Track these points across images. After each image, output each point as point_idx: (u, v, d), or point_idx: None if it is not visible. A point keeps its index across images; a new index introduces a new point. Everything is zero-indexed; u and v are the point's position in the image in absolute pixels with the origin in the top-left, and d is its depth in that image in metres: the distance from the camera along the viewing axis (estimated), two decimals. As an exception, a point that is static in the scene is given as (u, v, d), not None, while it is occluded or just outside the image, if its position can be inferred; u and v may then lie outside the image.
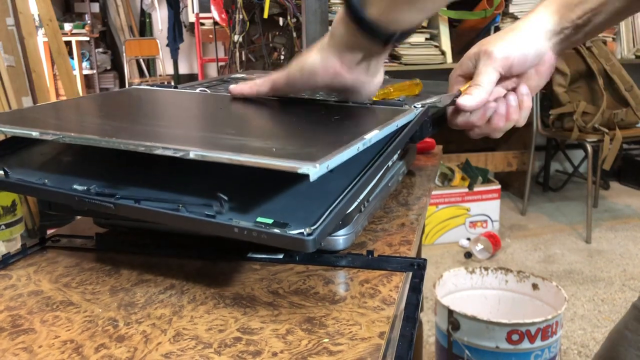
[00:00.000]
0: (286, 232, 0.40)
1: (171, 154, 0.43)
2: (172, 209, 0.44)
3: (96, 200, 0.47)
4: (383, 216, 0.68)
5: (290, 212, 0.43)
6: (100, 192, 0.47)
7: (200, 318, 0.45)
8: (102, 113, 0.65)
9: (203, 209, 0.44)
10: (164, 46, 5.58)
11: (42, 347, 0.41)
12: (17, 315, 0.46)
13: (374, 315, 0.45)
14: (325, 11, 2.04)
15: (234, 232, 0.42)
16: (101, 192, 0.47)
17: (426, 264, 0.54)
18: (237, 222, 0.42)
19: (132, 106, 0.68)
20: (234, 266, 0.55)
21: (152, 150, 0.44)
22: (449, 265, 2.45)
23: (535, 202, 3.20)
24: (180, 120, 0.63)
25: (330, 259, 0.55)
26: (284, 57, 2.78)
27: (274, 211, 0.44)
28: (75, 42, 5.41)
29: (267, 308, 0.47)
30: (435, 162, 0.94)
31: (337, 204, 0.44)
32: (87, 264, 0.56)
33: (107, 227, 0.64)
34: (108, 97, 0.75)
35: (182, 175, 0.52)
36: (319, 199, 0.44)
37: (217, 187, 0.45)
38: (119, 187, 0.49)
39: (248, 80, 0.68)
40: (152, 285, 0.51)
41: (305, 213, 0.43)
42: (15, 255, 0.58)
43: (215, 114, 0.65)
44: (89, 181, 0.49)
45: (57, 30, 3.14)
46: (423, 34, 2.72)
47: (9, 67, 2.72)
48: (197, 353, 0.40)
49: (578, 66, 2.75)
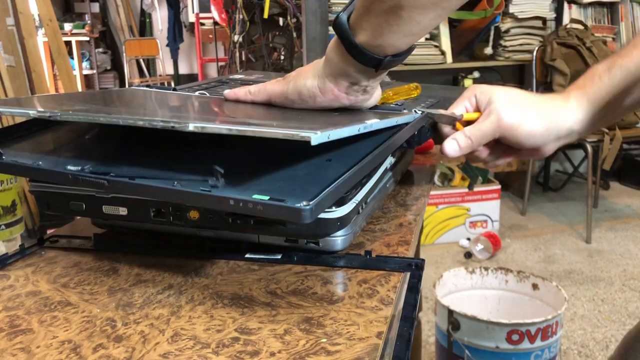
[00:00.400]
0: (283, 203, 0.40)
1: (170, 127, 0.43)
2: (167, 184, 0.44)
3: (90, 178, 0.46)
4: (381, 216, 0.68)
5: (287, 192, 0.43)
6: (94, 170, 0.47)
7: (198, 318, 0.45)
8: (99, 102, 0.65)
9: (199, 185, 0.43)
10: (164, 46, 5.58)
11: (40, 348, 0.41)
12: (15, 315, 0.46)
13: (372, 315, 0.45)
14: (325, 11, 2.04)
15: (229, 204, 0.41)
16: (95, 170, 0.47)
17: (424, 264, 0.54)
18: (232, 195, 0.42)
19: (130, 101, 0.68)
20: (232, 266, 0.55)
21: (152, 124, 0.44)
22: (449, 265, 2.45)
23: (535, 202, 3.20)
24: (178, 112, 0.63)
25: (328, 259, 0.55)
26: (284, 57, 2.78)
27: (270, 191, 0.43)
28: (75, 42, 5.41)
29: (265, 308, 0.47)
30: (434, 162, 0.94)
31: (334, 183, 0.43)
32: (86, 265, 0.56)
33: (106, 227, 0.64)
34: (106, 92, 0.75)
35: (176, 160, 0.51)
36: (316, 182, 0.44)
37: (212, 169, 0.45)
38: (114, 167, 0.48)
39: (245, 82, 0.68)
40: (150, 286, 0.51)
41: (302, 192, 0.42)
42: (14, 256, 0.58)
43: (215, 110, 0.65)
44: (84, 162, 0.49)
45: (57, 30, 3.14)
46: (423, 34, 2.72)
47: (9, 67, 2.72)
48: (195, 353, 0.40)
49: (578, 66, 2.75)
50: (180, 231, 0.60)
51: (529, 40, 2.90)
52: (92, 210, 0.56)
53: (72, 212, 0.57)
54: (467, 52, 2.97)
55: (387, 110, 0.64)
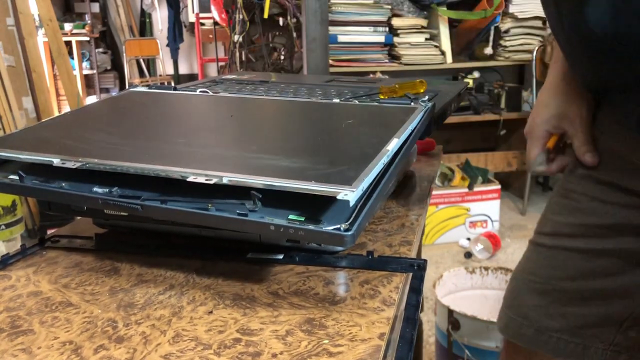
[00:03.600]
0: (322, 228, 0.40)
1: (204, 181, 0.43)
2: (201, 208, 0.43)
3: (122, 203, 0.45)
4: (383, 217, 0.67)
5: (319, 210, 0.43)
6: (123, 194, 0.46)
7: (200, 319, 0.45)
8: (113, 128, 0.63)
9: (234, 207, 0.43)
10: (164, 46, 5.58)
11: (41, 348, 0.41)
12: (16, 316, 0.46)
13: (374, 316, 0.45)
14: (325, 11, 2.03)
15: (270, 229, 0.41)
16: (124, 194, 0.46)
17: (426, 265, 0.54)
18: (272, 220, 0.41)
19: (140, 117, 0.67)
20: (233, 267, 0.55)
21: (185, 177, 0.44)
22: (449, 265, 2.45)
23: (535, 202, 3.20)
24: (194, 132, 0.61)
25: (330, 259, 0.55)
26: (283, 57, 2.78)
27: (303, 209, 0.43)
28: (75, 42, 5.41)
29: (266, 309, 0.47)
30: (436, 162, 0.94)
31: (368, 200, 0.44)
32: (87, 265, 0.56)
33: (107, 227, 0.64)
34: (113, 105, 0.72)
35: None
36: None
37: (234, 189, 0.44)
38: (139, 187, 0.47)
39: (239, 82, 0.68)
40: (151, 286, 0.51)
41: (334, 212, 0.43)
42: (15, 256, 0.58)
43: (227, 122, 0.65)
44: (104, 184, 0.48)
45: (57, 30, 3.14)
46: (423, 34, 2.72)
47: (9, 67, 2.72)
48: (196, 354, 0.40)
49: (578, 66, 2.75)
50: (182, 231, 0.60)
51: (529, 40, 2.90)
52: (94, 211, 0.56)
53: (74, 213, 0.57)
54: (467, 52, 2.97)
55: (396, 103, 0.64)
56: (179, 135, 0.58)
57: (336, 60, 2.59)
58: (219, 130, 0.62)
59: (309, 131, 0.61)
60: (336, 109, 0.64)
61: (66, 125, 0.62)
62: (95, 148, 0.53)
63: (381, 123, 0.59)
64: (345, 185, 0.41)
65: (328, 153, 0.52)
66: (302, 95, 0.71)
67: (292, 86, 0.79)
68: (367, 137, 0.54)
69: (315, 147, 0.55)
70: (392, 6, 2.66)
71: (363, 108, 0.64)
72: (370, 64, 2.69)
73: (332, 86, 0.81)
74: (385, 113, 0.62)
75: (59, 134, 0.58)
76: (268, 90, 0.75)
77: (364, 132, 0.57)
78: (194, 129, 0.63)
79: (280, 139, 0.59)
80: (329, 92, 0.73)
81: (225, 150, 0.54)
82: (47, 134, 0.58)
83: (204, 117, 0.67)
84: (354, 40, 2.63)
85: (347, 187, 0.41)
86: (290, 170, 0.45)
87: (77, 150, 0.51)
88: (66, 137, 0.57)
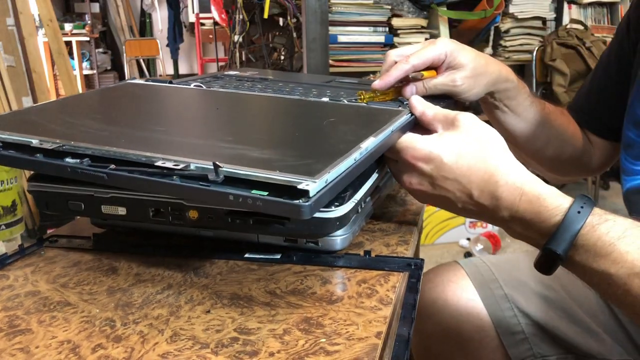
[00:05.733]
0: (282, 199, 0.40)
1: (171, 166, 0.43)
2: (165, 177, 0.44)
3: (89, 171, 0.46)
4: (381, 216, 0.68)
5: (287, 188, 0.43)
6: (92, 163, 0.47)
7: (198, 318, 0.45)
8: (99, 115, 0.65)
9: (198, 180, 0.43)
10: (164, 46, 5.58)
11: (39, 348, 0.41)
12: (14, 315, 0.46)
13: (371, 315, 0.45)
14: (325, 11, 2.04)
15: (229, 199, 0.41)
16: (94, 164, 0.47)
17: (423, 264, 0.54)
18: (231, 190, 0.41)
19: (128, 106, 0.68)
20: (231, 266, 0.55)
21: (154, 162, 0.44)
22: (448, 265, 2.45)
23: (535, 202, 3.20)
24: (176, 122, 0.62)
25: (327, 259, 0.55)
26: (283, 57, 2.78)
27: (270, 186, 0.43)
28: (75, 42, 5.41)
29: (264, 308, 0.47)
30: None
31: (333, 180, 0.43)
32: (85, 264, 0.56)
33: (105, 227, 0.64)
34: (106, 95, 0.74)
35: None
36: None
37: None
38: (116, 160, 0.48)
39: (240, 78, 0.68)
40: (149, 286, 0.51)
41: None
42: (13, 256, 0.58)
43: (211, 114, 0.65)
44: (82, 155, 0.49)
45: (57, 31, 3.14)
46: (423, 34, 2.72)
47: (9, 67, 2.72)
48: (194, 353, 0.40)
49: (578, 66, 2.75)
50: (180, 231, 0.60)
51: (529, 41, 2.90)
52: (91, 210, 0.56)
53: (71, 212, 0.57)
54: (467, 52, 2.97)
55: (384, 105, 0.64)
56: (161, 125, 0.59)
57: (336, 60, 2.59)
58: (200, 122, 0.63)
59: (289, 127, 0.61)
60: (323, 108, 0.64)
61: (55, 111, 0.63)
62: (76, 132, 0.54)
63: (364, 123, 0.59)
64: (307, 176, 0.41)
65: (302, 147, 0.52)
66: (295, 94, 0.72)
67: (289, 85, 0.79)
68: (345, 135, 0.54)
69: (291, 141, 0.55)
70: (392, 6, 2.66)
71: (349, 108, 0.64)
72: (370, 64, 2.69)
73: (329, 86, 0.81)
74: (370, 114, 0.62)
75: (45, 118, 0.59)
76: (264, 88, 0.75)
77: (343, 130, 0.57)
78: (176, 119, 0.63)
79: (258, 132, 0.59)
80: (324, 91, 0.73)
81: (200, 139, 0.55)
82: (34, 117, 0.58)
83: (190, 109, 0.67)
84: (354, 40, 2.63)
85: (309, 177, 0.40)
86: (258, 161, 0.45)
87: (57, 134, 0.51)
88: (52, 121, 0.58)
